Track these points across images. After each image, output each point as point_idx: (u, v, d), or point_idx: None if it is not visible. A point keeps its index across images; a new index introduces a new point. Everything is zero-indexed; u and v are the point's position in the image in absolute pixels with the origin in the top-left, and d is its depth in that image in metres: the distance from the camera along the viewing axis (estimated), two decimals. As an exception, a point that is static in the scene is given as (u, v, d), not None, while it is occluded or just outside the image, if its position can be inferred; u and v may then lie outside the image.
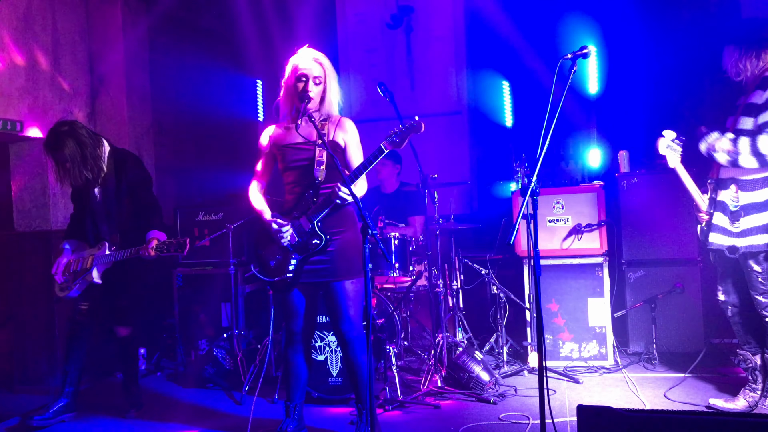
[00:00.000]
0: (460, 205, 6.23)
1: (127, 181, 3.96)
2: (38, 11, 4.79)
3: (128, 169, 3.97)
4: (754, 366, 3.61)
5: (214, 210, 5.31)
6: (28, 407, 4.38)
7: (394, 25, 4.10)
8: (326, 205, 3.16)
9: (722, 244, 3.49)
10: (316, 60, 3.24)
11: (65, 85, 5.01)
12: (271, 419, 3.85)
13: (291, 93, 3.27)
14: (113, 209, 3.96)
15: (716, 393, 3.90)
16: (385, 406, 3.91)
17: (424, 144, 5.48)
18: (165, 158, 6.12)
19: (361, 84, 6.59)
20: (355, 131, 3.34)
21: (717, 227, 3.52)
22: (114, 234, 3.97)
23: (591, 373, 4.52)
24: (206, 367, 4.64)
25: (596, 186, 4.80)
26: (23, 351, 4.82)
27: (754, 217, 3.39)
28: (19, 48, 4.63)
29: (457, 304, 4.96)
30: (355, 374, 3.31)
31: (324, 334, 4.13)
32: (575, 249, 4.73)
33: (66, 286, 4.01)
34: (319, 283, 3.29)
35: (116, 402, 4.31)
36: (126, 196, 3.97)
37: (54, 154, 3.81)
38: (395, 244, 4.51)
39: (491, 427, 3.60)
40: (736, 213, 3.43)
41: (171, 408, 4.26)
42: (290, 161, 3.28)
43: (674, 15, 5.48)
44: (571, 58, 2.83)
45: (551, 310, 4.76)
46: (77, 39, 5.14)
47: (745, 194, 3.41)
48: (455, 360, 4.23)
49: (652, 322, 4.70)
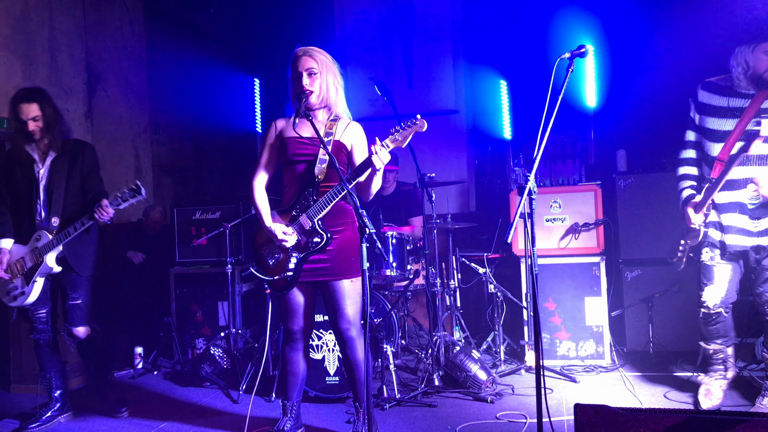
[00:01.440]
0: (457, 204, 6.23)
1: (81, 167, 3.80)
2: (35, 9, 4.77)
3: (86, 156, 3.83)
4: (725, 357, 3.70)
5: (211, 208, 5.31)
6: (25, 407, 4.38)
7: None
8: (327, 203, 3.15)
9: (745, 245, 3.44)
10: (308, 53, 3.22)
11: (62, 83, 4.99)
12: (268, 418, 3.85)
13: (293, 90, 3.26)
14: (58, 193, 3.73)
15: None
16: (383, 405, 3.92)
17: (421, 143, 5.48)
18: (162, 157, 6.11)
19: (358, 83, 6.59)
20: (363, 135, 3.33)
21: (733, 228, 3.46)
22: (53, 217, 3.73)
23: (588, 372, 4.53)
24: (203, 365, 4.63)
25: (593, 185, 4.80)
26: (19, 350, 4.81)
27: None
28: (16, 46, 4.62)
29: (454, 303, 4.97)
30: (352, 373, 3.31)
31: (321, 333, 4.13)
32: (572, 248, 4.74)
33: (18, 292, 3.75)
34: (318, 282, 3.29)
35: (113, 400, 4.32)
36: (76, 182, 3.80)
37: (34, 104, 3.60)
38: (393, 243, 4.51)
39: (488, 426, 3.60)
40: (756, 211, 3.39)
41: (168, 406, 4.25)
42: (293, 155, 3.26)
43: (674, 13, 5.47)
44: (568, 57, 2.83)
45: (548, 309, 4.77)
46: (74, 37, 5.13)
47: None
48: (452, 359, 4.23)
49: (648, 321, 4.71)
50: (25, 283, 3.76)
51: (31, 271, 3.75)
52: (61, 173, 3.75)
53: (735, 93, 3.48)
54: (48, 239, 3.70)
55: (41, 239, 3.71)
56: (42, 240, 3.71)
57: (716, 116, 3.52)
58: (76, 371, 4.89)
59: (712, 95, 3.56)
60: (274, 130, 3.35)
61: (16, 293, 3.78)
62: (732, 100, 3.48)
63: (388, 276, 4.50)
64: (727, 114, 3.48)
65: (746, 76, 3.45)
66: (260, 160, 3.38)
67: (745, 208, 3.44)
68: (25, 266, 3.75)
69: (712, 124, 3.54)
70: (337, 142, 3.23)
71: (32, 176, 3.74)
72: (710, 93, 3.58)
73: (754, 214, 3.39)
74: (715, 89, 3.57)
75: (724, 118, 3.48)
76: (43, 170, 3.74)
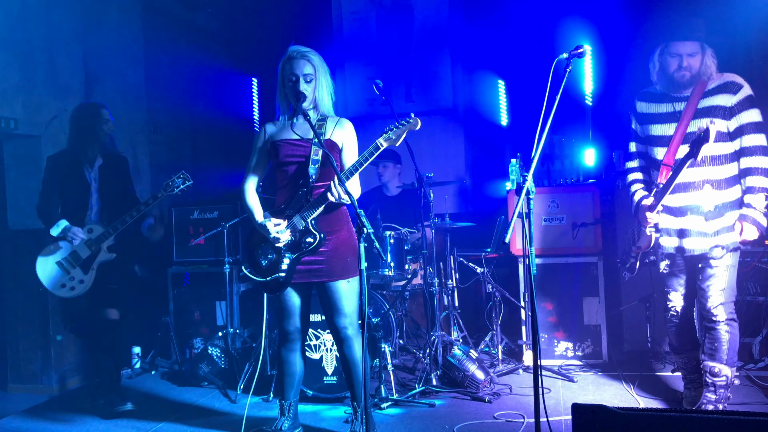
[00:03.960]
0: (455, 203, 6.23)
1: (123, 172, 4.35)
2: (33, 8, 4.76)
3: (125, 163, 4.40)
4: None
5: (209, 208, 5.31)
6: (22, 406, 4.37)
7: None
8: (320, 203, 3.16)
9: (704, 248, 3.37)
10: (305, 57, 3.23)
11: (60, 83, 4.98)
12: (266, 417, 3.85)
13: (284, 92, 3.27)
14: (108, 192, 4.21)
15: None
16: (380, 405, 3.92)
17: (419, 142, 5.47)
18: (160, 156, 6.10)
19: (356, 82, 6.59)
20: (354, 133, 3.35)
21: (691, 232, 3.39)
22: (104, 212, 4.20)
23: (586, 371, 4.53)
24: (201, 365, 4.63)
25: (591, 185, 4.81)
26: (16, 349, 4.80)
27: (729, 215, 3.35)
28: (13, 45, 4.60)
29: (452, 302, 4.97)
30: (350, 372, 3.31)
31: (319, 333, 4.13)
32: (570, 248, 4.74)
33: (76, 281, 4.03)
34: (314, 282, 3.29)
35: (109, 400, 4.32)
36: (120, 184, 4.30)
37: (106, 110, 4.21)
38: (391, 243, 4.51)
39: (486, 425, 3.61)
40: (710, 213, 3.35)
41: (166, 406, 4.25)
42: (285, 157, 3.27)
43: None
44: (566, 57, 2.83)
45: (546, 308, 4.77)
46: (72, 36, 5.11)
47: (719, 193, 3.35)
48: (450, 358, 4.23)
49: (646, 321, 4.71)
50: (84, 273, 4.05)
51: (89, 260, 4.05)
52: (110, 176, 4.23)
53: (670, 98, 3.48)
54: (101, 230, 4.06)
55: (94, 231, 4.08)
56: (95, 232, 4.07)
57: (657, 122, 3.52)
58: (75, 371, 4.89)
59: (650, 104, 3.57)
60: (263, 135, 3.36)
61: (74, 283, 4.04)
62: (668, 105, 3.48)
63: (386, 275, 4.51)
64: (668, 119, 3.47)
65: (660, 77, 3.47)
66: (250, 164, 3.41)
67: (700, 210, 3.37)
68: (80, 258, 4.04)
69: (655, 130, 3.53)
70: (329, 141, 3.24)
71: (83, 178, 4.15)
72: (648, 102, 3.59)
73: (709, 215, 3.35)
74: (651, 98, 3.58)
75: (666, 123, 3.47)
76: (93, 173, 4.19)
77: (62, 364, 4.79)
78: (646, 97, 3.61)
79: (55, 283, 4.05)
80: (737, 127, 3.35)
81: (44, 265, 4.06)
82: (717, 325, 3.38)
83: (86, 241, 4.05)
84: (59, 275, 4.04)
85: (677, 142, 3.40)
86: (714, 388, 3.39)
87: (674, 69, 3.39)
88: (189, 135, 6.63)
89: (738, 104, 3.33)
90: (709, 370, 3.40)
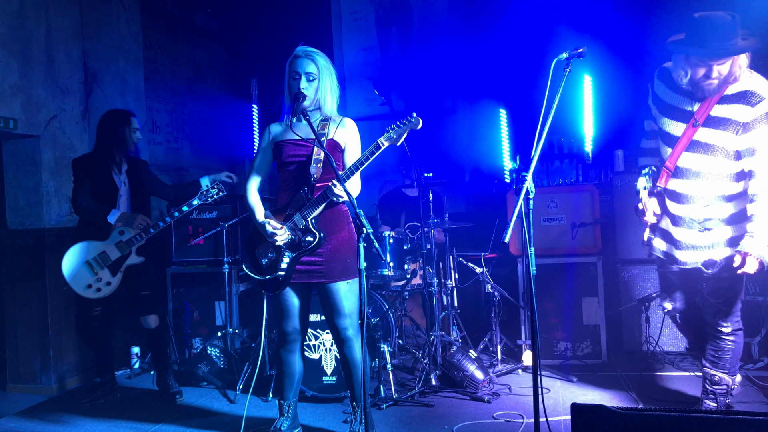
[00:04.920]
0: (454, 203, 6.23)
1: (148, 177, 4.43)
2: (32, 7, 4.75)
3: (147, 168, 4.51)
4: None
5: (208, 208, 5.29)
6: (21, 406, 4.37)
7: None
8: (321, 201, 3.16)
9: (695, 261, 3.23)
10: (309, 57, 3.23)
11: (59, 83, 4.97)
12: (265, 418, 3.85)
13: (289, 91, 3.27)
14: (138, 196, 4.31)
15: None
16: (380, 405, 3.91)
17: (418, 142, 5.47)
18: (159, 156, 6.10)
19: (355, 82, 6.59)
20: (356, 132, 3.34)
21: (685, 244, 3.27)
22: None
23: (585, 371, 4.53)
24: (200, 365, 4.63)
25: (591, 185, 4.80)
26: (15, 349, 4.80)
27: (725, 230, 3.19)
28: (12, 44, 4.60)
29: (451, 302, 4.97)
30: (349, 372, 3.31)
31: (318, 333, 4.12)
32: (569, 248, 4.73)
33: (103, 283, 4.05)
34: (313, 283, 3.28)
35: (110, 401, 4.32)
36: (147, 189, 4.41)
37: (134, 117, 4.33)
38: (390, 243, 4.51)
39: (485, 425, 3.61)
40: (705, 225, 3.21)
41: (165, 406, 4.25)
42: (287, 156, 3.27)
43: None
44: (566, 57, 2.82)
45: (545, 308, 4.77)
46: (71, 36, 5.10)
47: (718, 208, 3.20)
48: (449, 358, 4.23)
49: (645, 321, 4.71)
50: (112, 275, 4.07)
51: (118, 262, 4.08)
52: (137, 180, 4.33)
53: (689, 92, 3.17)
54: (132, 234, 4.07)
55: (125, 233, 4.08)
56: (126, 234, 4.08)
57: (669, 117, 3.26)
58: (74, 371, 4.88)
59: (668, 90, 3.25)
60: (268, 135, 3.37)
61: (100, 285, 4.05)
62: (685, 99, 3.20)
63: (386, 275, 4.50)
64: (680, 116, 3.22)
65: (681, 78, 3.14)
66: (254, 164, 3.41)
67: (695, 223, 3.23)
68: (109, 259, 4.06)
69: (665, 125, 3.29)
70: (332, 141, 3.24)
71: (111, 181, 4.20)
72: (666, 85, 3.26)
73: (703, 226, 3.21)
74: (671, 82, 3.22)
75: (677, 121, 3.23)
76: (122, 176, 4.26)
77: (61, 364, 4.78)
78: (665, 77, 3.27)
79: (82, 283, 4.02)
80: (748, 147, 3.06)
81: (71, 263, 4.02)
82: (722, 336, 3.30)
83: (117, 242, 4.06)
84: (86, 275, 4.02)
85: (682, 147, 3.18)
86: (714, 396, 3.36)
87: (700, 77, 3.06)
88: (188, 135, 6.63)
89: (754, 121, 3.02)
90: (710, 378, 3.36)
